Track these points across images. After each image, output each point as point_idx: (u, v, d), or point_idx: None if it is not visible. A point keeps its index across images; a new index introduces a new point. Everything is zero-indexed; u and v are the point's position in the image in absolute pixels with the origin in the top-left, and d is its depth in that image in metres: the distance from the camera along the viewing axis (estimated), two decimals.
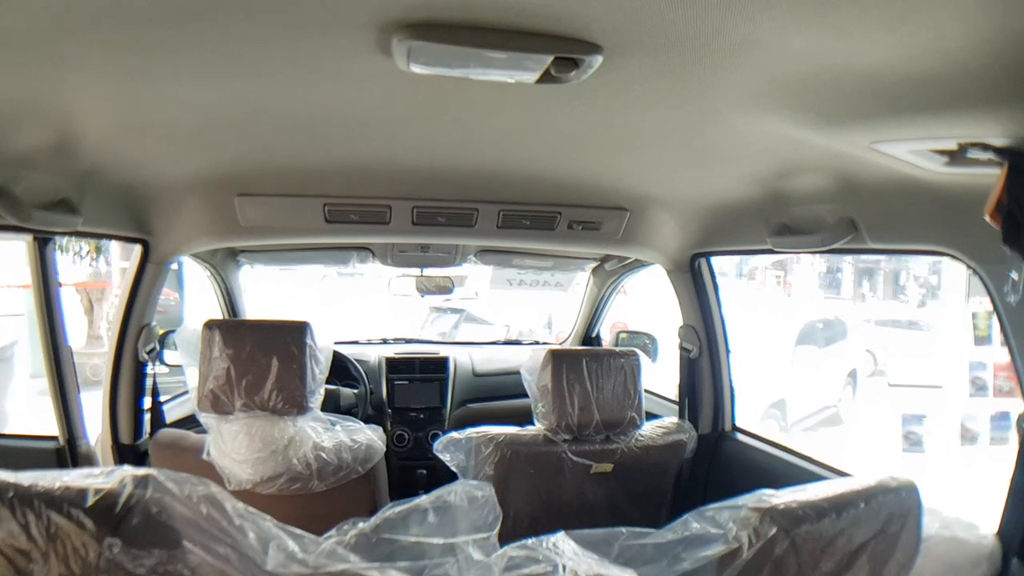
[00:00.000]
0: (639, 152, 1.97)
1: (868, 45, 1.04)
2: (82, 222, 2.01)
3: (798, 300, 12.80)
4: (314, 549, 1.23)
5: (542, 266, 3.63)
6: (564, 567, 1.21)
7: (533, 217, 2.62)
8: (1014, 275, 1.22)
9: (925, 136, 1.28)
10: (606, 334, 4.40)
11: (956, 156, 1.25)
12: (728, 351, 3.02)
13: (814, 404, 9.41)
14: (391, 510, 1.36)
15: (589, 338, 4.17)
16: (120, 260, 9.06)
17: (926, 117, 1.21)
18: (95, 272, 9.79)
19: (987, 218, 1.16)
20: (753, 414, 7.95)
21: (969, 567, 1.58)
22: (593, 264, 3.77)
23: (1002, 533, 1.65)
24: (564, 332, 4.54)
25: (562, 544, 1.28)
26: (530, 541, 1.29)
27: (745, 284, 15.73)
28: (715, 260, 2.93)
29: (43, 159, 1.71)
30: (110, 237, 2.55)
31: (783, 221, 2.10)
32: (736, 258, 14.94)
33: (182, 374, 3.19)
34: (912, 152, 1.35)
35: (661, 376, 3.50)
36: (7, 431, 6.61)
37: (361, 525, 1.33)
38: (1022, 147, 1.14)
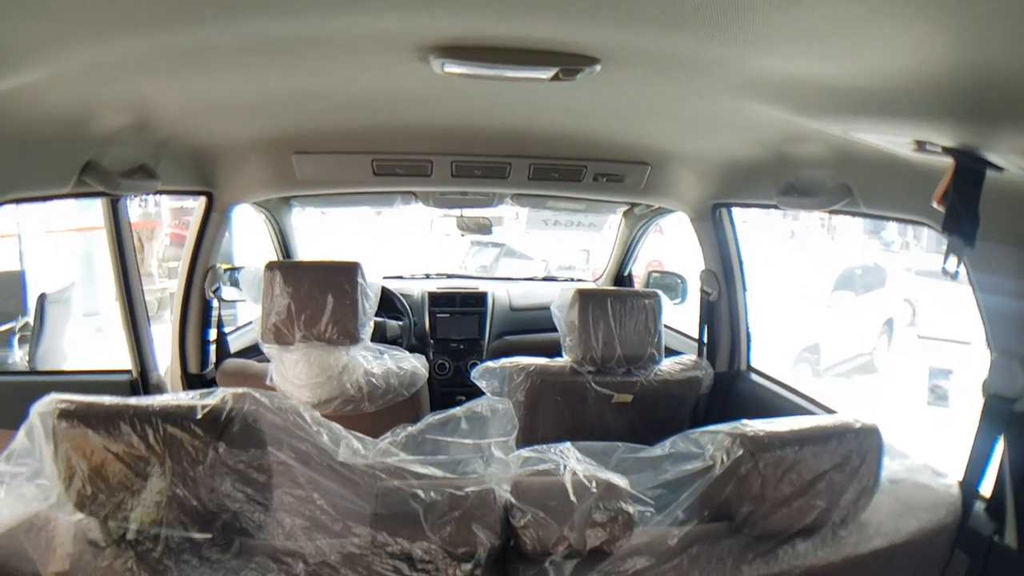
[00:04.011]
0: (654, 117, 2.17)
1: (829, 68, 1.22)
2: (160, 184, 2.29)
3: (841, 244, 12.63)
4: (373, 447, 1.54)
5: (575, 208, 3.82)
6: (566, 467, 1.49)
7: (561, 170, 2.84)
8: (952, 258, 1.38)
9: (888, 133, 1.45)
10: (642, 272, 4.58)
11: (920, 145, 1.42)
12: (745, 295, 3.22)
13: (848, 351, 9.32)
14: (433, 418, 1.66)
15: (621, 277, 4.35)
16: (169, 200, 9.37)
17: (887, 119, 1.38)
18: (144, 213, 10.14)
19: (935, 204, 1.34)
20: (786, 357, 8.03)
21: (929, 509, 1.73)
22: (624, 208, 3.95)
23: (965, 482, 1.81)
24: (600, 268, 4.70)
25: (567, 452, 1.56)
26: (540, 447, 1.58)
27: (789, 223, 15.58)
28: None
29: (126, 135, 1.97)
30: (179, 193, 2.83)
31: (790, 181, 2.28)
32: None
33: (233, 308, 3.51)
34: (881, 140, 1.52)
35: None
36: (78, 367, 7.00)
37: (409, 429, 1.63)
38: (966, 150, 1.30)
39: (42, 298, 5.74)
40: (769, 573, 1.48)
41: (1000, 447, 1.80)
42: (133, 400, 1.36)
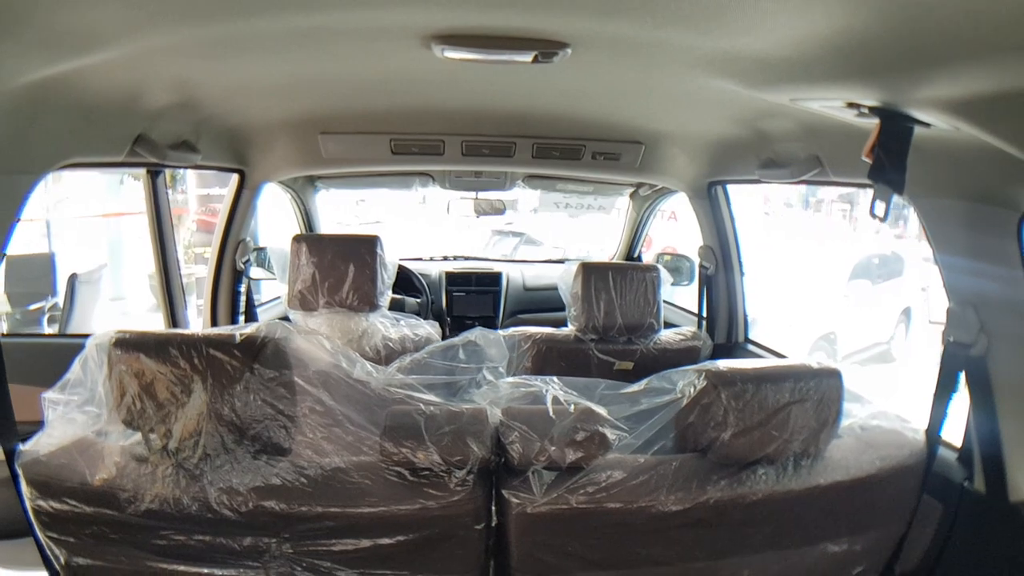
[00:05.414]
0: (637, 97, 2.37)
1: (751, 42, 1.41)
2: (200, 158, 2.54)
3: (863, 234, 12.60)
4: (383, 370, 1.77)
5: (583, 190, 4.02)
6: (548, 391, 1.71)
7: (562, 149, 3.06)
8: (879, 203, 1.54)
9: (822, 97, 1.62)
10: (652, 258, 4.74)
11: (856, 108, 1.59)
12: (742, 271, 3.40)
13: (865, 340, 9.26)
14: (435, 346, 1.89)
15: (631, 257, 4.53)
16: (196, 188, 9.60)
17: (814, 85, 1.55)
18: (172, 200, 10.27)
19: (864, 157, 1.51)
20: (802, 345, 8.07)
21: (892, 447, 1.86)
22: (630, 190, 4.14)
23: (928, 428, 1.94)
24: (612, 254, 4.92)
25: (551, 380, 1.78)
26: (527, 376, 1.79)
27: (811, 215, 15.64)
28: (769, 190, 3.26)
29: (173, 112, 2.21)
30: (215, 168, 3.08)
31: (769, 156, 2.46)
32: (802, 190, 14.86)
33: (257, 292, 3.74)
34: (822, 106, 1.70)
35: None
36: None
37: (415, 355, 1.86)
38: (889, 108, 1.46)
39: (73, 278, 5.96)
40: (732, 495, 1.66)
41: (959, 395, 1.92)
42: (180, 330, 1.58)
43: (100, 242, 9.55)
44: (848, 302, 9.12)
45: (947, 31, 1.09)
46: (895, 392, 7.98)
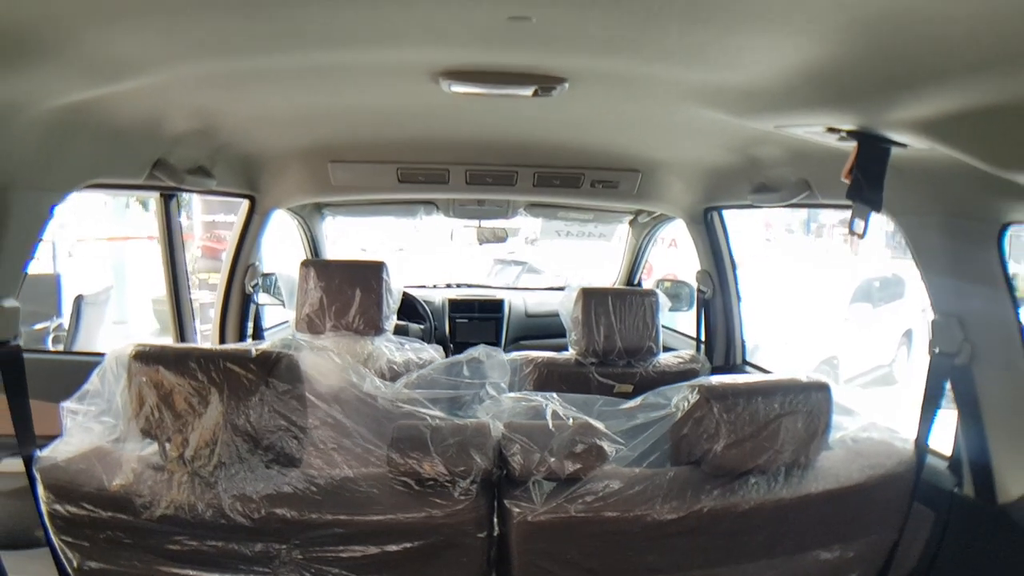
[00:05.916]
0: (635, 127, 2.48)
1: (733, 75, 1.51)
2: (215, 183, 2.64)
3: (863, 259, 12.64)
4: (390, 386, 1.87)
5: (584, 218, 4.11)
6: (548, 406, 1.78)
7: (562, 177, 3.17)
8: (859, 220, 1.62)
9: (804, 124, 1.72)
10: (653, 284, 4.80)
11: (837, 133, 1.67)
12: (739, 295, 3.48)
13: (867, 363, 9.29)
14: (440, 363, 1.97)
15: (631, 284, 4.59)
16: (202, 215, 9.71)
17: (794, 112, 1.65)
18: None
19: (843, 178, 1.59)
20: (804, 370, 8.01)
21: (881, 456, 1.92)
22: (629, 217, 4.23)
23: (917, 438, 2.00)
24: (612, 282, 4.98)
25: (551, 397, 1.86)
26: (528, 392, 1.87)
27: (812, 240, 15.71)
28: (770, 217, 3.35)
29: (191, 139, 2.31)
30: (228, 194, 3.19)
31: (761, 181, 2.56)
32: (802, 216, 14.96)
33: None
34: (805, 132, 1.79)
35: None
36: None
37: (421, 371, 1.94)
38: (865, 131, 1.55)
39: (79, 299, 6.03)
40: (725, 504, 1.73)
41: (946, 404, 1.97)
42: (197, 345, 1.67)
43: (105, 265, 9.64)
44: (849, 325, 9.15)
45: (910, 57, 1.18)
46: (897, 413, 7.95)
